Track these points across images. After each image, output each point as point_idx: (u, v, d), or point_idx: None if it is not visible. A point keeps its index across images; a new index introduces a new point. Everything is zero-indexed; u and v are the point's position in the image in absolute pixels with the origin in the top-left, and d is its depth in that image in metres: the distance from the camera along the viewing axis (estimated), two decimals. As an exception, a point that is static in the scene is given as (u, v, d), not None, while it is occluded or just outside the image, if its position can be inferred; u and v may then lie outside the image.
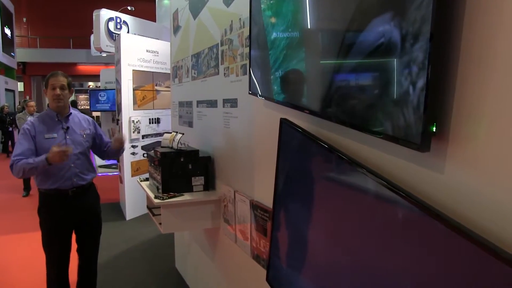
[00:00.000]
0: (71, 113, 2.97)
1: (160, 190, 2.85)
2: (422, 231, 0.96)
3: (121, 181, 6.53)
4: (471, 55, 0.94)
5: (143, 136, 6.35)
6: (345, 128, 1.37)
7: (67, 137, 2.88)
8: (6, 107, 14.54)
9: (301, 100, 1.63)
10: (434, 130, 0.99)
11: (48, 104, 2.97)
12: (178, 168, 2.85)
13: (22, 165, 2.68)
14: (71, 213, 2.90)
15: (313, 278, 1.49)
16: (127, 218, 6.22)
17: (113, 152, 3.18)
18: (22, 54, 21.76)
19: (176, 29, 3.84)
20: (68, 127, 2.91)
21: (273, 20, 1.83)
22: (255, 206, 2.24)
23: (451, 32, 0.97)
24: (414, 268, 0.98)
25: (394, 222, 1.06)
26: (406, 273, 1.01)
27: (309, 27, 1.56)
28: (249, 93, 2.12)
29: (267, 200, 2.09)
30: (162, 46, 6.48)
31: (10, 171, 2.75)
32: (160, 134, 6.60)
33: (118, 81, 6.36)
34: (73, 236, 3.04)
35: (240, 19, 2.37)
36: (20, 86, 21.93)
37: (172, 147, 2.98)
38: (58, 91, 2.83)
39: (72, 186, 2.86)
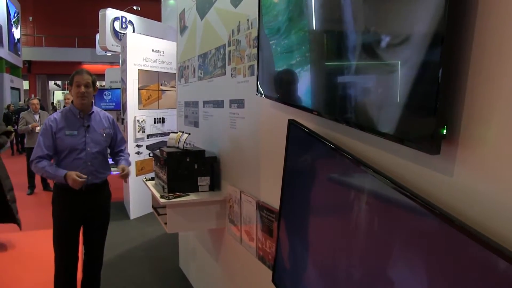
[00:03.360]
0: (93, 111, 3.03)
1: (166, 190, 2.86)
2: (430, 233, 0.96)
3: (126, 181, 6.53)
4: (482, 58, 0.93)
5: (148, 136, 6.36)
6: (353, 130, 1.37)
7: (87, 135, 2.94)
8: (12, 106, 14.65)
9: (310, 102, 1.63)
10: (445, 133, 0.98)
11: (72, 101, 3.03)
12: (184, 168, 2.86)
13: (42, 169, 2.82)
14: (82, 207, 2.95)
15: (320, 280, 1.49)
16: (131, 217, 6.23)
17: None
18: (28, 52, 21.86)
19: (182, 29, 3.85)
20: (89, 125, 2.96)
21: (273, 22, 1.83)
22: (261, 207, 2.24)
23: (462, 34, 0.97)
24: (422, 270, 0.98)
25: (403, 224, 1.06)
26: (414, 276, 1.01)
27: (314, 27, 1.57)
28: (257, 94, 2.12)
29: (274, 201, 2.09)
30: (168, 46, 6.49)
31: (30, 165, 2.91)
32: (165, 134, 6.61)
33: (123, 81, 6.38)
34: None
35: (248, 20, 2.37)
36: (25, 85, 22.03)
37: (178, 147, 2.98)
38: (82, 88, 2.88)
39: (86, 183, 2.90)
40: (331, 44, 1.49)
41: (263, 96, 2.07)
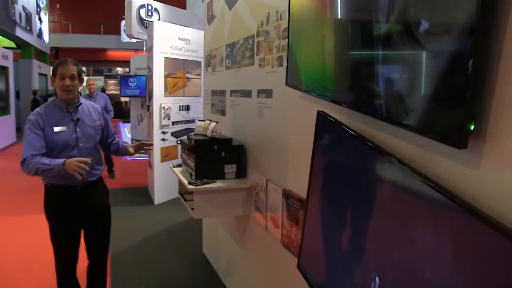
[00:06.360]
0: (80, 103, 2.77)
1: (194, 177, 2.93)
2: (456, 226, 0.99)
3: (150, 166, 6.67)
4: None
5: (173, 123, 6.46)
6: (381, 123, 1.40)
7: (77, 129, 2.69)
8: (38, 91, 15.04)
9: (338, 94, 1.67)
10: (472, 129, 1.00)
11: (55, 93, 2.76)
12: (212, 156, 2.92)
13: (37, 164, 2.48)
14: (80, 209, 2.75)
15: (346, 268, 1.54)
16: (156, 202, 6.36)
17: (122, 151, 3.04)
18: (55, 39, 22.30)
19: (210, 18, 3.89)
20: (78, 119, 2.71)
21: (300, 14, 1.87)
22: (288, 195, 2.30)
23: (494, 26, 0.97)
24: (449, 262, 1.01)
25: (430, 216, 1.09)
26: (441, 268, 1.04)
27: (339, 17, 1.60)
28: (286, 85, 2.16)
29: (300, 189, 2.14)
30: (194, 34, 6.56)
31: (21, 167, 2.55)
32: (190, 121, 6.71)
33: (149, 68, 6.48)
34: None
35: (277, 11, 2.40)
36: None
37: (206, 135, 3.05)
38: (67, 81, 2.61)
39: (82, 182, 2.67)
40: (359, 35, 1.51)
41: (295, 88, 2.10)
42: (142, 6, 9.59)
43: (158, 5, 9.99)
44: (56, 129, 2.62)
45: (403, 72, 1.24)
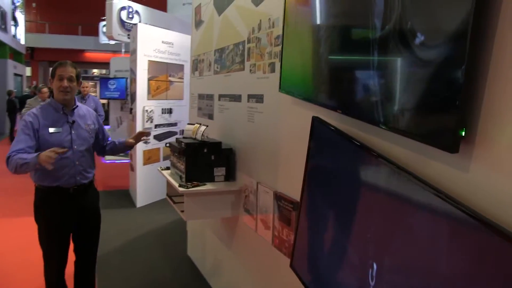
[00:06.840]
0: (77, 105, 2.81)
1: (184, 179, 2.97)
2: (448, 223, 1.06)
3: (133, 169, 6.65)
4: (503, 58, 1.00)
5: (155, 126, 6.47)
6: (375, 128, 1.46)
7: (73, 132, 2.71)
8: (13, 92, 14.75)
9: (331, 99, 1.75)
10: (463, 135, 1.08)
11: (52, 95, 2.78)
12: (202, 159, 2.97)
13: (17, 159, 2.45)
14: (71, 212, 2.76)
15: (340, 266, 1.61)
16: (138, 205, 6.34)
17: (121, 147, 3.13)
18: (31, 39, 21.90)
19: (198, 23, 3.94)
20: (74, 121, 2.74)
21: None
22: (279, 197, 2.37)
23: (484, 34, 1.03)
24: (440, 260, 1.07)
25: (425, 220, 1.16)
26: (432, 267, 1.10)
27: (328, 22, 1.67)
28: (279, 90, 2.22)
29: (292, 191, 2.20)
30: (177, 38, 6.60)
31: (6, 165, 2.52)
32: (172, 124, 6.73)
33: (133, 71, 6.47)
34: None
35: (269, 19, 2.46)
36: (28, 71, 22.09)
37: (195, 138, 3.10)
38: (66, 82, 2.65)
39: (74, 184, 2.71)
40: (355, 40, 1.57)
41: (285, 93, 2.17)
42: (123, 8, 9.56)
43: (139, 7, 9.97)
44: (51, 130, 2.64)
45: (397, 80, 1.30)
